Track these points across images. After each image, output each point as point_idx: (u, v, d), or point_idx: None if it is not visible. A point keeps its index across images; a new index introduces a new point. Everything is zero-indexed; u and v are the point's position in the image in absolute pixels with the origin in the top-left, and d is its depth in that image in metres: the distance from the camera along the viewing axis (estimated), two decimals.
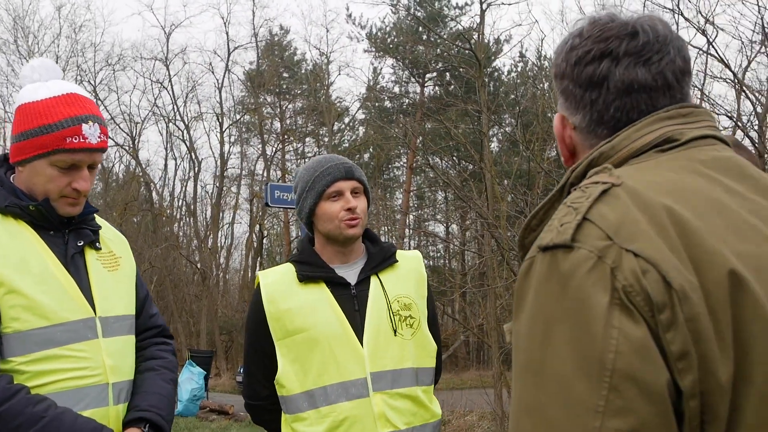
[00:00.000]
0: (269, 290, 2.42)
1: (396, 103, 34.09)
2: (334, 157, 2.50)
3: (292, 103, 35.07)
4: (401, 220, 32.40)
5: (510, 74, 31.83)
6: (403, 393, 2.34)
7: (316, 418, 2.29)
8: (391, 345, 2.36)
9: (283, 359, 2.36)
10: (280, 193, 8.11)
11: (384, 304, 2.40)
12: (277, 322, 2.37)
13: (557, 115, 1.28)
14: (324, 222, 2.42)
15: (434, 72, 33.18)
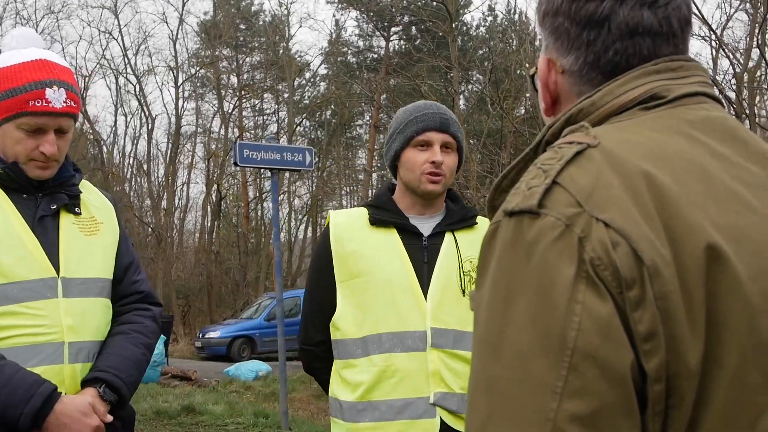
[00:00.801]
0: (338, 230, 2.37)
1: (360, 58, 33.79)
2: (434, 105, 2.41)
3: (250, 56, 34.61)
4: (365, 179, 32.34)
5: (479, 29, 31.72)
6: (464, 356, 2.29)
7: (366, 365, 2.26)
8: (457, 304, 2.32)
9: (343, 301, 2.32)
10: (249, 152, 8.02)
11: (455, 262, 2.35)
12: (343, 263, 2.33)
13: (542, 57, 1.21)
14: (406, 170, 2.35)
15: (400, 26, 32.90)
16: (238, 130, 31.67)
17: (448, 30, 15.98)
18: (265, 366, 14.62)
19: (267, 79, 32.99)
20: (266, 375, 14.17)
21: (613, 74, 1.13)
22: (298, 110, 31.34)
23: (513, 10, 27.78)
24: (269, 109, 34.89)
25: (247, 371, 14.18)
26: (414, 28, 32.90)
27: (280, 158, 8.20)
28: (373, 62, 32.28)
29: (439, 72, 24.21)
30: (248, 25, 34.79)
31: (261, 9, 35.32)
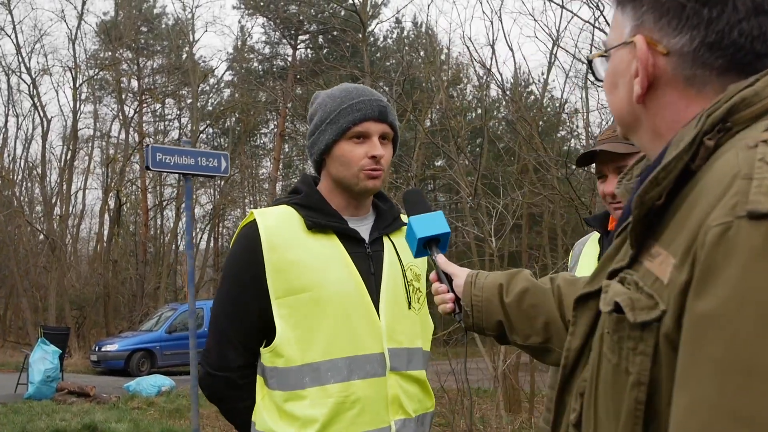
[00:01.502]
0: (271, 234, 2.01)
1: (266, 65, 33.39)
2: (366, 90, 2.11)
3: (152, 60, 33.67)
4: (270, 189, 31.89)
5: (386, 40, 31.86)
6: (415, 376, 2.09)
7: (319, 397, 1.95)
8: (406, 319, 2.10)
9: (283, 322, 1.98)
10: (162, 155, 7.63)
11: (399, 271, 2.12)
12: (280, 276, 1.98)
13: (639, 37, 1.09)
14: (339, 165, 2.07)
15: (307, 34, 32.71)
16: (138, 136, 30.68)
17: (361, 39, 15.90)
18: (168, 381, 14.07)
19: (169, 84, 32.11)
20: (170, 390, 13.62)
21: (734, 61, 1.03)
22: (201, 116, 30.63)
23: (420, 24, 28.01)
24: (171, 114, 34.03)
25: (149, 386, 13.59)
26: (321, 37, 32.78)
27: (194, 163, 7.85)
28: (279, 70, 31.92)
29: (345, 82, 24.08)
30: (150, 28, 33.85)
31: (164, 12, 34.47)
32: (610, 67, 1.17)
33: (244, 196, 33.74)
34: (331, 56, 28.44)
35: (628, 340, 1.00)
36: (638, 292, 0.99)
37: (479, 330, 1.64)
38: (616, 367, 1.02)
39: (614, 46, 1.15)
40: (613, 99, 1.17)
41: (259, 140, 36.41)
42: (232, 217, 36.72)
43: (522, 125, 13.14)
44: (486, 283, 1.63)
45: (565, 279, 1.60)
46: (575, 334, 1.20)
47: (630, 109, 1.13)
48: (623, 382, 1.00)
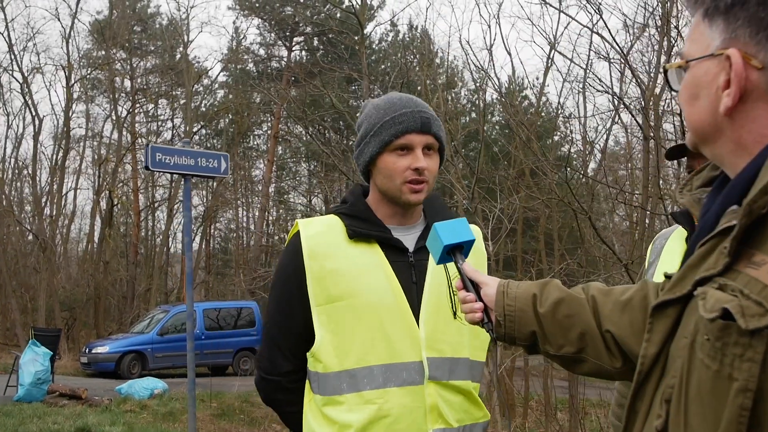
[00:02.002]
0: (312, 243, 2.07)
1: (261, 66, 33.34)
2: (411, 100, 2.12)
3: (145, 60, 33.58)
4: (263, 191, 31.84)
5: (381, 43, 31.85)
6: (458, 386, 2.08)
7: (356, 403, 1.99)
8: (449, 328, 2.08)
9: (321, 329, 2.04)
10: (162, 156, 7.59)
11: (445, 280, 2.07)
12: (320, 284, 2.04)
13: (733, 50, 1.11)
14: (383, 177, 2.09)
15: (302, 36, 32.69)
16: (130, 136, 30.57)
17: (359, 41, 15.89)
18: (161, 383, 14.01)
19: (163, 84, 32.02)
20: (162, 393, 13.56)
21: None
22: (195, 117, 30.56)
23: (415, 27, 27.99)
24: (164, 115, 33.93)
25: (142, 389, 13.53)
26: (316, 39, 32.77)
27: (194, 164, 7.81)
28: (274, 71, 31.89)
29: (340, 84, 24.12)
30: (144, 27, 33.78)
31: (158, 11, 34.36)
32: (690, 78, 1.17)
33: (237, 198, 33.68)
34: (327, 58, 28.44)
35: (735, 346, 1.01)
36: (746, 300, 1.01)
37: (510, 340, 1.63)
38: (716, 374, 1.03)
39: (698, 57, 1.16)
40: (691, 110, 1.18)
41: (252, 142, 36.35)
42: (224, 219, 36.70)
43: (520, 129, 13.14)
44: (519, 293, 1.62)
45: (599, 289, 1.60)
46: (651, 341, 1.21)
47: (712, 120, 1.14)
48: (724, 389, 1.02)
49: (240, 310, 21.44)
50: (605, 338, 1.50)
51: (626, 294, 1.51)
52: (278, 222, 35.32)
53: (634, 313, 1.47)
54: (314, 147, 27.38)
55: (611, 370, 1.51)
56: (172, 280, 33.85)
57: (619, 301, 1.51)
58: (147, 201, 32.24)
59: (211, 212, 31.62)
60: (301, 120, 19.69)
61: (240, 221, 35.66)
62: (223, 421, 11.94)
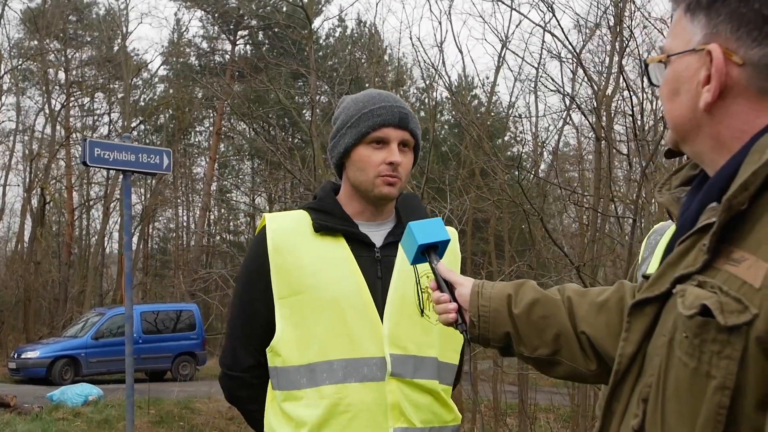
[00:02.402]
0: (277, 237, 2.10)
1: (203, 60, 32.92)
2: (390, 96, 2.17)
3: (80, 52, 32.85)
4: (205, 190, 31.43)
5: (328, 39, 31.74)
6: (424, 385, 2.07)
7: (314, 398, 2.00)
8: (415, 326, 2.09)
9: (283, 322, 2.05)
10: (101, 151, 7.38)
11: (412, 277, 2.11)
12: (283, 277, 2.06)
13: (714, 45, 1.12)
14: (357, 170, 2.12)
15: (247, 29, 32.39)
16: (64, 131, 29.86)
17: (307, 36, 15.74)
18: (96, 389, 13.69)
19: (99, 77, 31.36)
20: (97, 400, 13.24)
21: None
22: (133, 112, 30.00)
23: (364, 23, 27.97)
24: (100, 109, 33.23)
25: (75, 396, 13.19)
26: (261, 33, 32.50)
27: (134, 160, 7.61)
28: (217, 66, 31.50)
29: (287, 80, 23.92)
30: (80, 17, 33.04)
31: (95, 1, 33.62)
32: (671, 73, 1.20)
33: (178, 196, 33.18)
34: (272, 53, 28.19)
35: (713, 343, 1.02)
36: (725, 296, 1.02)
37: (484, 342, 1.63)
38: (694, 371, 1.04)
39: (679, 52, 1.18)
40: (671, 105, 1.20)
41: (194, 138, 35.87)
42: (163, 218, 36.12)
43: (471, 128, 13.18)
44: (493, 294, 1.62)
45: (575, 290, 1.61)
46: (629, 340, 1.22)
47: (692, 116, 1.17)
48: (702, 387, 1.03)
49: (180, 312, 21.11)
50: (580, 340, 1.52)
51: (602, 295, 1.54)
52: (220, 222, 34.92)
53: (611, 314, 1.49)
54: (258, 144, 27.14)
55: (586, 372, 1.52)
56: (108, 281, 33.16)
57: (595, 302, 1.53)
58: (81, 199, 31.53)
59: (149, 211, 31.08)
60: (246, 116, 19.45)
61: (180, 220, 35.14)
62: (162, 428, 11.72)
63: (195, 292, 23.71)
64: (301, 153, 17.83)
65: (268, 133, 23.64)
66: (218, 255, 30.22)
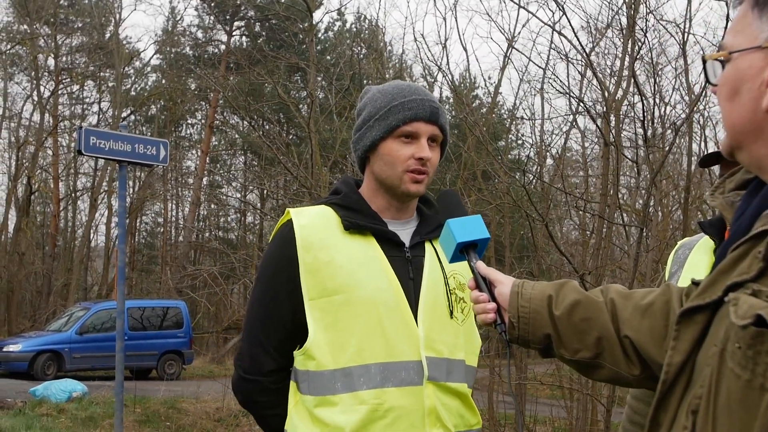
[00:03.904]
0: (306, 233, 2.05)
1: (198, 51, 32.86)
2: (419, 89, 2.14)
3: (71, 38, 32.75)
4: (195, 184, 31.37)
5: (327, 33, 31.72)
6: (455, 389, 2.07)
7: (351, 403, 1.96)
8: (446, 328, 2.09)
9: (315, 324, 2.01)
10: (96, 140, 7.37)
11: (441, 278, 2.11)
12: (314, 276, 2.02)
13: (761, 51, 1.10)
14: (384, 164, 2.09)
15: (244, 20, 32.34)
16: (52, 119, 29.78)
17: (308, 28, 15.73)
18: (80, 386, 13.64)
19: (90, 65, 31.27)
20: (82, 396, 13.20)
21: None
22: (124, 102, 29.93)
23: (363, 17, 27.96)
24: (90, 97, 33.15)
25: (59, 391, 13.14)
26: (258, 25, 32.45)
27: (131, 150, 7.60)
28: (213, 57, 31.47)
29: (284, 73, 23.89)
30: (72, 2, 32.95)
31: None
32: (732, 71, 1.15)
33: (167, 189, 33.11)
34: (269, 45, 28.16)
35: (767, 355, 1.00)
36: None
37: (524, 343, 1.62)
38: (747, 384, 1.01)
39: (743, 49, 1.14)
40: (731, 107, 1.16)
41: (185, 131, 35.80)
42: (150, 212, 36.04)
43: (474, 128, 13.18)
44: (534, 294, 1.60)
45: (619, 292, 1.58)
46: (677, 349, 1.19)
47: (752, 117, 1.12)
48: (756, 400, 1.00)
49: (167, 309, 21.06)
50: (623, 344, 1.50)
51: (647, 298, 1.50)
52: (210, 217, 34.85)
53: (655, 318, 1.46)
54: (252, 139, 27.08)
55: (629, 377, 1.50)
56: (93, 275, 33.08)
57: (639, 305, 1.50)
58: (68, 189, 31.45)
59: (137, 204, 31.00)
60: (241, 109, 19.37)
61: (169, 215, 35.06)
62: (148, 427, 11.69)
63: (182, 289, 23.65)
64: (297, 149, 17.84)
65: (263, 128, 23.58)
66: (207, 252, 30.16)
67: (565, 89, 12.75)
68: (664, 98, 13.08)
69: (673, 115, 12.52)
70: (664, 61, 13.37)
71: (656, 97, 11.94)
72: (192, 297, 21.67)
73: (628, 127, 13.71)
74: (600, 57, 14.25)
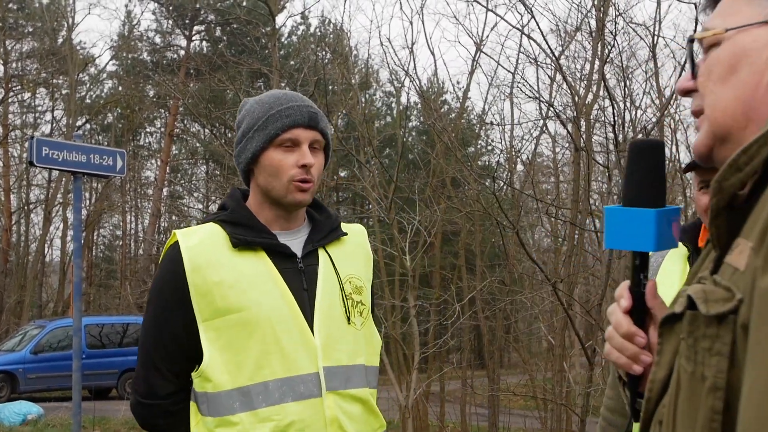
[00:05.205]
0: (193, 255, 2.08)
1: (156, 56, 32.66)
2: (296, 95, 2.19)
3: (21, 43, 32.40)
4: (155, 195, 31.12)
5: (291, 37, 31.71)
6: (356, 395, 2.15)
7: (250, 422, 2.02)
8: (345, 335, 2.16)
9: (210, 346, 2.05)
10: (49, 150, 7.31)
11: (336, 285, 2.18)
12: (205, 298, 2.06)
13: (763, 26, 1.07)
14: (268, 175, 2.13)
15: (204, 24, 32.21)
16: (2, 128, 29.41)
17: (270, 33, 15.73)
18: (36, 408, 13.51)
19: (42, 71, 30.94)
20: (37, 419, 13.05)
21: None
22: (79, 110, 29.65)
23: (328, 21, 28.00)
24: (42, 106, 32.79)
25: (13, 414, 13.01)
26: (219, 29, 32.35)
27: (86, 161, 7.55)
28: (172, 63, 31.29)
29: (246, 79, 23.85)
30: (21, 6, 32.58)
31: None
32: (730, 48, 1.10)
33: (126, 201, 32.82)
34: (231, 50, 28.08)
35: (704, 339, 0.96)
36: (714, 286, 0.97)
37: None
38: (692, 377, 0.98)
39: (743, 25, 1.09)
40: (723, 87, 1.10)
41: (144, 140, 35.52)
42: (108, 224, 35.70)
43: (443, 135, 13.25)
44: None
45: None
46: (660, 363, 1.12)
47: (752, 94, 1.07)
48: (699, 392, 0.96)
49: (126, 326, 20.86)
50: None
51: None
52: (171, 229, 34.58)
53: None
54: (214, 147, 26.96)
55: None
56: (48, 291, 32.67)
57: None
58: (20, 202, 31.04)
59: (94, 217, 30.70)
60: (202, 117, 19.31)
61: (128, 227, 34.75)
62: None
63: (143, 304, 23.42)
64: None
65: (225, 136, 23.47)
66: None
67: (534, 94, 12.91)
68: (634, 102, 13.28)
69: (644, 119, 12.67)
70: (634, 65, 13.56)
71: (627, 100, 12.08)
72: None
73: (598, 132, 13.90)
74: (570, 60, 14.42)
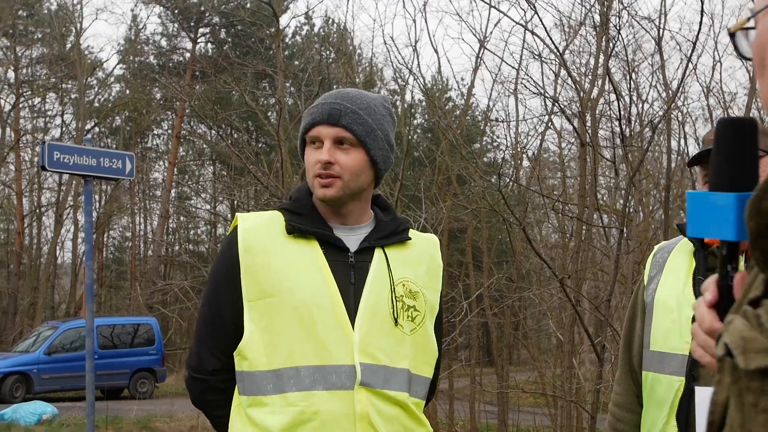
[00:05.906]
0: (248, 237, 2.12)
1: (162, 59, 32.66)
2: (333, 94, 2.18)
3: (31, 49, 32.44)
4: (164, 196, 31.13)
5: (294, 37, 31.68)
6: (394, 397, 2.09)
7: (280, 405, 2.02)
8: (387, 335, 2.11)
9: (252, 325, 2.07)
10: (60, 155, 7.26)
11: (386, 284, 2.14)
12: (253, 278, 2.09)
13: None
14: (306, 172, 2.15)
15: (209, 27, 32.20)
16: (14, 133, 29.45)
17: (275, 34, 15.64)
18: (50, 408, 13.50)
19: (52, 76, 30.97)
20: (52, 419, 13.05)
21: None
22: (88, 114, 29.66)
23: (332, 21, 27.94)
24: (52, 110, 32.82)
25: (28, 414, 13.01)
26: (224, 31, 32.33)
27: (96, 164, 7.50)
28: (178, 65, 31.28)
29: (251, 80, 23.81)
30: (30, 12, 32.62)
31: None
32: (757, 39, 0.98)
33: (135, 203, 32.85)
34: (235, 51, 28.04)
35: (747, 393, 0.83)
36: (755, 330, 0.83)
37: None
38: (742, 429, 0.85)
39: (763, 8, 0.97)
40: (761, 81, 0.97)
41: (151, 142, 35.55)
42: (118, 226, 35.71)
43: (448, 132, 13.17)
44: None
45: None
46: (722, 383, 0.93)
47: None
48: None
49: (137, 326, 20.86)
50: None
51: None
52: (179, 230, 34.60)
53: None
54: (220, 148, 26.94)
55: None
56: (60, 293, 32.72)
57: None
58: (32, 205, 31.09)
59: (104, 219, 30.72)
60: (210, 118, 19.25)
61: (137, 229, 34.77)
62: None
63: (153, 305, 23.44)
64: (267, 158, 17.74)
65: (231, 137, 23.44)
66: (178, 266, 29.90)
67: (539, 89, 12.77)
68: (640, 95, 13.14)
69: (650, 113, 12.57)
70: (639, 58, 13.41)
71: (633, 94, 11.98)
72: (163, 313, 21.50)
73: (604, 126, 13.77)
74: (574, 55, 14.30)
